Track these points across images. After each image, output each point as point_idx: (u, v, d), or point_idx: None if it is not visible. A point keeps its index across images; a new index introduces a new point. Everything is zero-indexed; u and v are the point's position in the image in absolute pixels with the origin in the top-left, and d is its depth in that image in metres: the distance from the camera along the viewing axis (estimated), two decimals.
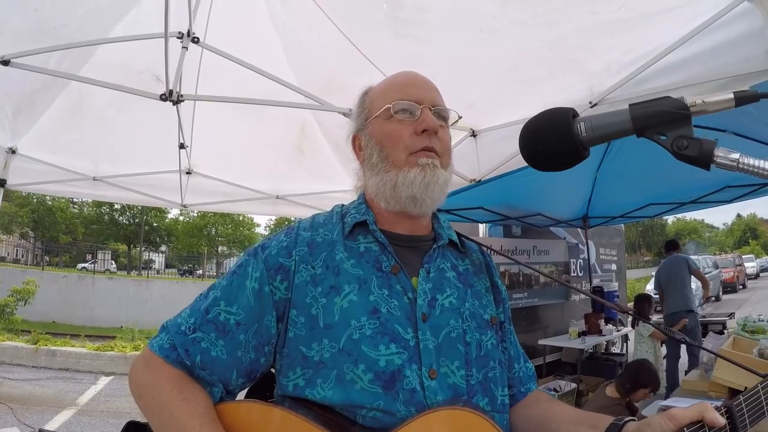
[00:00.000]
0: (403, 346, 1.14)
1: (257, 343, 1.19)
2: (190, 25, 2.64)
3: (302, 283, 1.19)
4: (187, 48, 2.67)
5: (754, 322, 4.87)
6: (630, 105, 0.87)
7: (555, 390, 6.51)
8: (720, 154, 0.83)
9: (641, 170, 5.70)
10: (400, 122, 1.27)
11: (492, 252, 1.58)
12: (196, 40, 2.68)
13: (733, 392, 3.45)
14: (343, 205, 1.39)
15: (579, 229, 8.93)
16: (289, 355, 1.17)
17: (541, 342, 7.71)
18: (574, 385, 6.77)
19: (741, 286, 32.18)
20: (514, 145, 1.12)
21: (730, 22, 2.37)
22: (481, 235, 7.90)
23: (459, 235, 1.43)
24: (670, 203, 7.25)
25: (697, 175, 5.68)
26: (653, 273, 30.14)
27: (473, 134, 3.69)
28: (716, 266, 26.88)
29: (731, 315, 10.83)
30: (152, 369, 1.17)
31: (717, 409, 1.04)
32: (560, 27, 2.69)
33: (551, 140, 0.93)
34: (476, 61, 3.03)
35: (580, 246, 9.23)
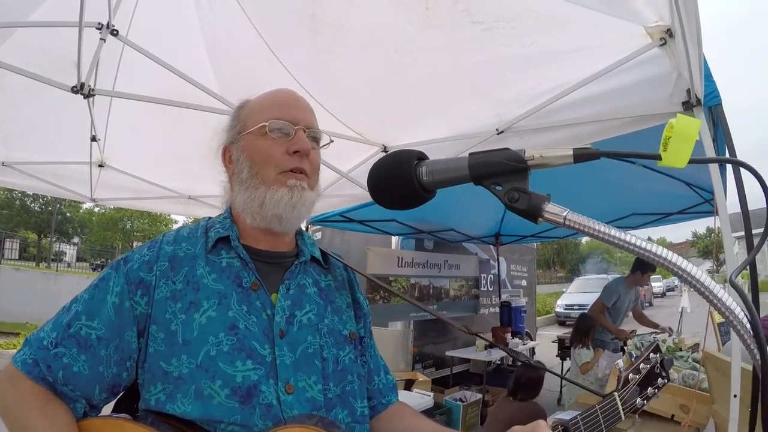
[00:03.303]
0: (260, 362, 1.16)
1: (119, 358, 1.18)
2: (110, 16, 2.56)
3: (162, 298, 1.19)
4: (105, 40, 2.59)
5: (649, 343, 5.16)
6: (470, 154, 0.90)
7: (461, 400, 6.67)
8: (549, 209, 0.85)
9: (553, 193, 5.87)
10: (274, 140, 1.28)
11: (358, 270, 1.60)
12: (115, 32, 2.60)
13: None
14: (210, 218, 1.39)
15: (491, 246, 9.15)
16: (150, 370, 1.17)
17: (449, 353, 7.87)
18: (479, 396, 6.98)
19: (647, 304, 33.89)
20: None
21: (638, 65, 2.51)
22: (393, 246, 8.03)
23: (323, 252, 1.46)
24: None
25: (606, 201, 5.90)
26: (565, 289, 31.20)
27: (385, 150, 3.75)
28: None
29: (633, 332, 11.22)
30: (15, 386, 1.15)
31: (554, 427, 1.14)
32: (473, 56, 2.77)
33: (393, 181, 0.94)
34: (390, 80, 3.08)
35: (492, 262, 9.45)
